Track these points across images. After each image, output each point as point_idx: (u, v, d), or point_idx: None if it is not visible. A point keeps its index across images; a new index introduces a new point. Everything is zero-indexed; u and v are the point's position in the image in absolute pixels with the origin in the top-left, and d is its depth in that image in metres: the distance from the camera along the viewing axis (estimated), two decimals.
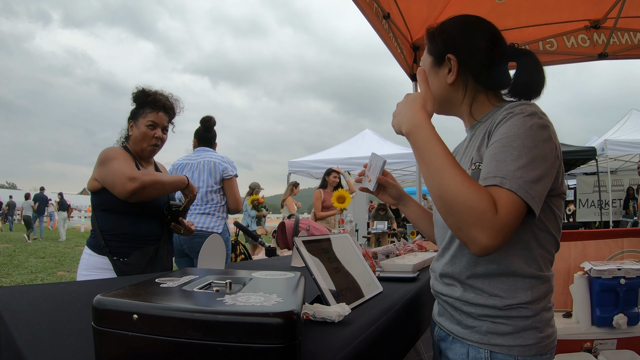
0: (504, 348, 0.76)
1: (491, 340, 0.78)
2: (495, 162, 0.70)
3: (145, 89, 1.67)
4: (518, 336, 0.76)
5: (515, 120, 0.72)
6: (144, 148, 1.65)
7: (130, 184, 1.42)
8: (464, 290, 0.82)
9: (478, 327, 0.80)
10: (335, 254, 1.01)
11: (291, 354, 0.47)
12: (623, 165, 9.73)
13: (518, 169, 0.67)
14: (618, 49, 2.93)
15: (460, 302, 0.82)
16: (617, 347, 2.00)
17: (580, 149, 7.69)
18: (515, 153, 0.68)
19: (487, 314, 0.78)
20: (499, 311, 0.77)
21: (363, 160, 8.19)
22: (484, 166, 0.73)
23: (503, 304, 0.77)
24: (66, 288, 1.03)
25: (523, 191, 0.66)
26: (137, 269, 1.51)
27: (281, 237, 1.85)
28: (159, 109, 1.66)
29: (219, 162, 2.43)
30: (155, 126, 1.65)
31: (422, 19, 2.86)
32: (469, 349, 0.81)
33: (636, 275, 1.95)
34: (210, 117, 2.58)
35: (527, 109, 0.74)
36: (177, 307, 0.50)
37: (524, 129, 0.71)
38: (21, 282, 5.27)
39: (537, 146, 0.70)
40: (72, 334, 0.67)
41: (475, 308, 0.80)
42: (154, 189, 1.50)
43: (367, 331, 0.73)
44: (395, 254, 1.65)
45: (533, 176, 0.68)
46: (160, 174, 1.56)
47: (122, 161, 1.52)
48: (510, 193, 0.66)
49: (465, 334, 0.82)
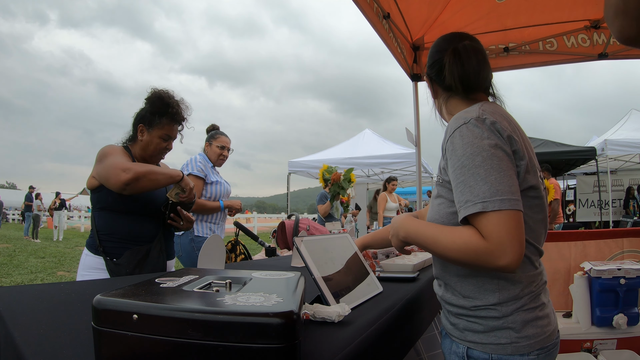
0: (479, 345, 0.82)
1: (467, 337, 0.84)
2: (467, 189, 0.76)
3: (163, 96, 1.62)
4: (491, 335, 0.80)
5: (454, 144, 0.80)
6: (154, 157, 1.65)
7: (123, 174, 1.40)
8: (445, 290, 0.90)
9: (457, 325, 0.86)
10: (335, 254, 1.01)
11: (291, 354, 0.47)
12: (623, 165, 9.73)
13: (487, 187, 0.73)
14: (618, 49, 2.92)
15: (443, 300, 0.91)
16: (617, 347, 2.00)
17: (580, 149, 7.68)
18: (478, 173, 0.74)
19: (462, 313, 0.85)
20: (469, 311, 0.83)
21: (363, 160, 8.19)
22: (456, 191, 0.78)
23: (471, 305, 0.83)
24: (66, 288, 1.03)
25: (498, 203, 0.71)
26: (126, 270, 1.49)
27: (281, 237, 1.85)
28: (175, 122, 1.64)
29: (185, 164, 2.48)
30: (169, 139, 1.64)
31: (422, 19, 2.86)
32: (452, 344, 0.88)
33: (636, 275, 1.95)
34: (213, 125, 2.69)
35: (452, 125, 0.82)
36: (177, 307, 0.49)
37: (464, 149, 0.77)
38: (21, 282, 5.27)
39: (483, 155, 0.75)
40: (72, 334, 0.67)
41: (452, 307, 0.87)
42: (148, 180, 1.46)
43: (367, 331, 0.73)
44: (395, 254, 1.65)
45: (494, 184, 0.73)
46: (153, 166, 1.52)
47: (118, 156, 1.51)
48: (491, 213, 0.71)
49: (450, 330, 0.89)
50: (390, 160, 7.95)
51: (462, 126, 0.79)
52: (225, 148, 2.66)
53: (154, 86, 1.66)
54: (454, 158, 0.78)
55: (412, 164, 7.82)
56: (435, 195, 0.90)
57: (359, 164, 8.45)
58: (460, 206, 0.75)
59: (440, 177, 0.87)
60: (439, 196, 0.88)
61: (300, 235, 0.96)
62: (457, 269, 0.85)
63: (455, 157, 0.78)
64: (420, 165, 3.54)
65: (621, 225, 8.13)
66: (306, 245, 0.91)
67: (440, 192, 0.88)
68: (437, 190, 0.89)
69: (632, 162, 9.35)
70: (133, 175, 1.41)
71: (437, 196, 0.89)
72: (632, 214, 8.60)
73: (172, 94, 1.65)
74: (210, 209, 2.50)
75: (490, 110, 0.83)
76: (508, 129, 0.79)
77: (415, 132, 3.40)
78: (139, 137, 1.63)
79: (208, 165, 2.56)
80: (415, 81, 3.27)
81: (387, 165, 8.37)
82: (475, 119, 0.78)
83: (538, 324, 0.80)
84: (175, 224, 1.66)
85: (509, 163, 0.76)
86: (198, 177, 2.44)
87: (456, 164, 0.77)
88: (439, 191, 0.88)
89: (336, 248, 1.05)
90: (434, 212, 0.90)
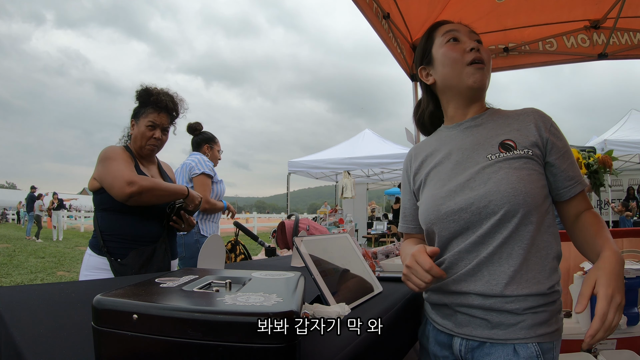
0: (546, 336, 0.81)
1: (537, 331, 0.80)
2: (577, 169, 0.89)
3: (149, 88, 1.64)
4: (553, 321, 0.82)
5: (558, 130, 0.91)
6: (142, 147, 1.65)
7: (128, 187, 1.42)
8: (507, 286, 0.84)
9: (517, 323, 0.80)
10: (335, 254, 1.01)
11: (291, 354, 0.47)
12: (623, 165, 9.73)
13: None
14: (618, 49, 2.92)
15: (485, 309, 0.82)
16: (617, 347, 2.00)
17: (580, 148, 7.68)
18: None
19: (527, 307, 0.80)
20: (540, 299, 0.81)
21: (363, 160, 8.20)
22: (569, 170, 0.88)
23: (543, 290, 0.81)
24: (66, 288, 1.03)
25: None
26: (132, 270, 1.50)
27: (281, 237, 1.84)
28: (160, 109, 1.64)
29: (189, 162, 2.51)
30: (155, 127, 1.64)
31: (422, 19, 2.86)
32: (513, 350, 0.79)
33: (636, 275, 1.95)
34: (190, 124, 2.69)
35: (540, 112, 0.92)
36: (177, 307, 0.50)
37: (564, 138, 0.91)
38: (21, 282, 5.27)
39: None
40: (72, 334, 0.67)
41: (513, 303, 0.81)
42: (152, 195, 1.50)
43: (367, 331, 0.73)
44: (395, 254, 1.65)
45: None
46: (159, 181, 1.53)
47: (121, 162, 1.51)
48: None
49: (501, 335, 0.81)
50: (390, 160, 7.95)
51: (551, 118, 0.90)
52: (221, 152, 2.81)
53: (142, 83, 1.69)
54: (562, 140, 0.88)
55: None
56: (519, 167, 0.83)
57: (359, 164, 8.45)
58: (576, 181, 0.87)
59: (532, 151, 0.86)
60: (528, 168, 0.83)
61: (300, 235, 0.96)
62: (539, 247, 0.82)
63: (562, 141, 0.88)
64: None
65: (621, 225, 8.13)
66: (306, 245, 0.91)
67: (528, 165, 0.84)
68: (522, 162, 0.84)
69: (632, 162, 9.35)
70: (137, 189, 1.43)
71: (524, 168, 0.83)
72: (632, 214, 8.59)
73: (159, 88, 1.67)
74: (219, 208, 2.60)
75: None
76: None
77: (415, 132, 3.40)
78: (131, 132, 1.67)
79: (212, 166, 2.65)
80: (415, 81, 3.26)
81: (387, 165, 8.37)
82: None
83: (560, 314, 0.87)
84: (176, 226, 1.67)
85: None
86: (209, 176, 2.50)
87: (565, 147, 0.88)
88: (527, 164, 0.84)
89: (336, 248, 1.05)
90: (527, 182, 0.81)
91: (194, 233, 2.48)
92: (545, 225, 0.84)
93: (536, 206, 0.82)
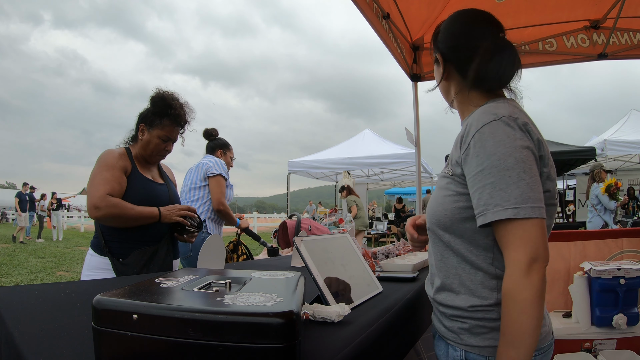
0: (476, 348, 0.79)
1: (465, 341, 0.81)
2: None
3: (166, 97, 1.62)
4: (488, 337, 0.78)
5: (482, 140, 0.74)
6: (152, 156, 1.65)
7: (94, 211, 1.44)
8: (439, 291, 0.88)
9: (451, 327, 0.84)
10: (335, 254, 1.01)
11: (291, 354, 0.47)
12: (622, 165, 9.74)
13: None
14: (618, 49, 2.93)
15: (435, 302, 0.89)
16: (617, 347, 2.00)
17: (580, 149, 7.68)
18: (510, 176, 0.71)
19: (457, 315, 0.82)
20: (465, 312, 0.81)
21: (363, 160, 8.19)
22: (475, 196, 0.75)
23: (467, 305, 0.80)
24: (66, 288, 1.03)
25: (529, 210, 0.69)
26: (134, 269, 1.50)
27: (282, 237, 1.84)
28: (177, 124, 1.64)
29: (205, 163, 2.56)
30: (169, 140, 1.64)
31: (421, 19, 2.86)
32: (448, 348, 0.84)
33: (636, 275, 1.95)
34: (206, 129, 2.78)
35: (479, 119, 0.76)
36: (177, 307, 0.50)
37: (496, 147, 0.73)
38: (21, 282, 5.27)
39: (515, 157, 0.71)
40: (72, 334, 0.67)
41: (446, 309, 0.85)
42: (117, 222, 1.50)
43: (367, 331, 0.73)
44: (395, 254, 1.65)
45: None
46: (127, 208, 1.49)
47: (105, 176, 1.49)
48: (521, 220, 0.70)
49: (444, 333, 0.86)
50: (390, 160, 7.95)
51: (493, 122, 0.73)
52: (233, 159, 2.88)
53: (159, 87, 1.66)
54: (481, 155, 0.72)
55: (412, 164, 7.82)
56: (442, 187, 0.84)
57: (359, 164, 8.45)
58: (487, 209, 0.71)
59: (452, 170, 0.81)
60: (446, 189, 0.83)
61: (300, 235, 0.96)
62: (456, 265, 0.81)
63: (484, 154, 0.72)
64: (420, 165, 3.54)
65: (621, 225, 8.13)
66: (306, 245, 0.91)
67: (448, 185, 0.82)
68: (445, 182, 0.83)
69: (632, 162, 9.36)
70: (102, 215, 1.45)
71: (444, 188, 0.83)
72: (632, 214, 8.60)
73: (176, 96, 1.65)
74: (232, 221, 2.63)
75: (519, 109, 0.79)
76: (537, 132, 0.76)
77: (415, 132, 3.40)
78: (140, 136, 1.64)
79: None
80: (415, 81, 3.26)
81: (386, 165, 8.38)
82: (507, 117, 0.74)
83: None
84: (179, 237, 1.68)
85: (537, 168, 0.73)
86: (224, 178, 2.56)
87: (484, 162, 0.72)
88: (447, 184, 0.82)
89: (336, 248, 1.05)
90: (437, 203, 0.84)
91: (202, 232, 2.49)
92: (465, 247, 0.80)
93: (445, 228, 0.82)
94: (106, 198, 1.45)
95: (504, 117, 0.74)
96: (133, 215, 1.50)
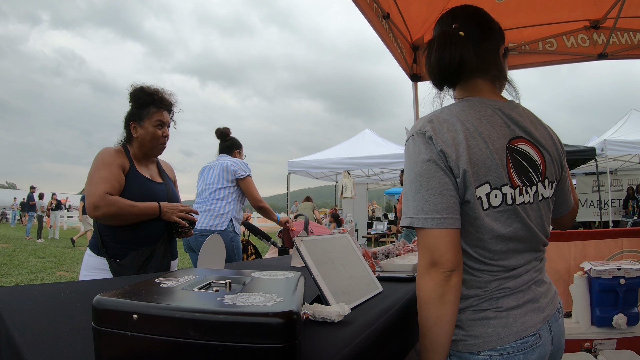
0: None
1: None
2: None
3: (144, 88, 1.64)
4: None
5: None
6: (154, 147, 1.65)
7: (93, 211, 1.45)
8: None
9: None
10: (335, 254, 1.01)
11: (291, 354, 0.47)
12: (622, 165, 9.74)
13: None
14: (618, 49, 2.92)
15: None
16: (617, 347, 2.00)
17: (580, 149, 7.69)
18: (410, 189, 0.77)
19: None
20: None
21: (363, 160, 8.19)
22: None
23: None
24: (66, 288, 1.03)
25: (421, 221, 0.75)
26: (131, 271, 1.50)
27: (287, 237, 1.85)
28: (163, 107, 1.65)
29: (231, 164, 2.60)
30: (163, 125, 1.65)
31: (421, 19, 2.86)
32: None
33: (636, 275, 1.95)
34: (219, 129, 2.81)
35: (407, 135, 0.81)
36: (177, 307, 0.50)
37: (406, 163, 0.81)
38: (21, 282, 5.27)
39: (415, 171, 0.77)
40: (72, 334, 0.67)
41: None
42: (118, 219, 1.50)
43: (367, 331, 0.73)
44: (395, 254, 1.65)
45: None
46: (127, 206, 1.49)
47: (103, 174, 1.49)
48: (422, 229, 0.75)
49: None
50: (390, 160, 7.95)
51: (409, 139, 0.80)
52: None
53: (134, 83, 1.68)
54: (406, 167, 0.81)
55: None
56: None
57: (359, 164, 8.45)
58: (401, 216, 0.79)
59: None
60: None
61: (300, 235, 0.96)
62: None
63: (406, 168, 0.81)
64: None
65: (621, 225, 8.14)
66: (306, 245, 0.91)
67: None
68: None
69: (632, 162, 9.37)
70: (101, 214, 1.45)
71: None
72: (632, 214, 8.61)
73: (151, 85, 1.67)
74: (273, 218, 2.62)
75: (445, 117, 0.79)
76: (447, 143, 0.75)
77: None
78: (134, 135, 1.64)
79: None
80: (415, 81, 3.26)
81: (386, 165, 8.38)
82: (416, 133, 0.79)
83: (490, 323, 0.78)
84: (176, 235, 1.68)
85: (444, 178, 0.74)
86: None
87: (406, 177, 0.80)
88: None
89: (336, 248, 1.05)
90: None
91: (229, 231, 2.51)
92: None
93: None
94: (105, 197, 1.45)
95: (414, 134, 0.79)
96: (133, 212, 1.50)
